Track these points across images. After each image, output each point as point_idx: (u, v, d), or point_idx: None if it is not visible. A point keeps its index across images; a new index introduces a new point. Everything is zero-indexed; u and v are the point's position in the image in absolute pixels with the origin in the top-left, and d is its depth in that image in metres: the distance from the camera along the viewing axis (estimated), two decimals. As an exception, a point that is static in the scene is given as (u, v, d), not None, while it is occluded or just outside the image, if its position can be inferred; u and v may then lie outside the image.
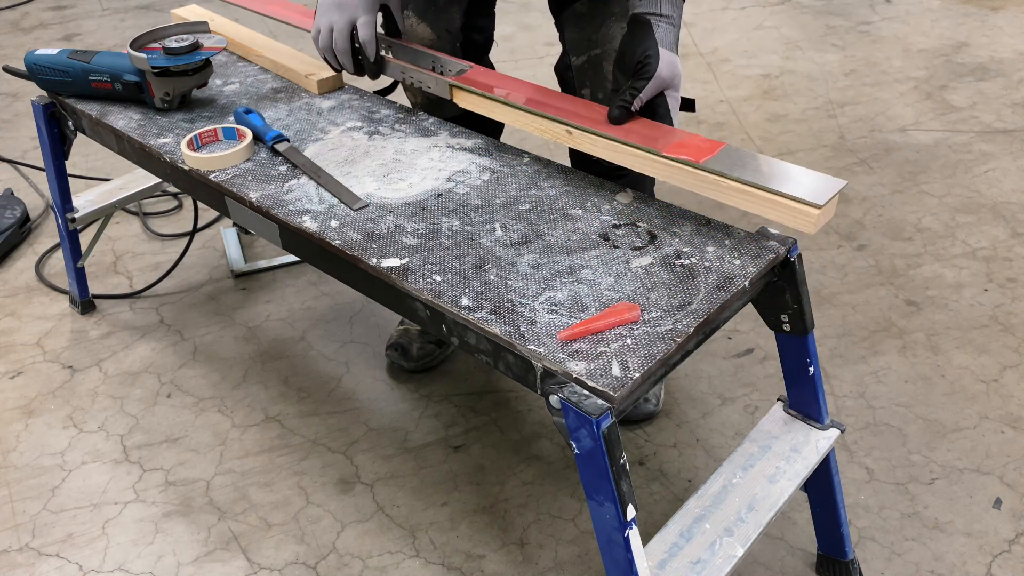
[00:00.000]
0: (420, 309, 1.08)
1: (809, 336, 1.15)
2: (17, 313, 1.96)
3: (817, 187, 1.06)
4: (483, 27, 1.57)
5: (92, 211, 1.87)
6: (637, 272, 1.08)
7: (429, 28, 1.51)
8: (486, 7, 1.57)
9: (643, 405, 1.60)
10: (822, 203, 1.03)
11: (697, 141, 1.15)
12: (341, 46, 1.38)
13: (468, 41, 1.54)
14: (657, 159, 1.14)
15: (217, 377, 1.77)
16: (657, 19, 1.18)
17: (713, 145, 1.14)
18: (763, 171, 1.09)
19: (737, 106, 2.69)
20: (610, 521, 0.94)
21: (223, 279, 2.05)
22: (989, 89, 2.76)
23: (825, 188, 1.05)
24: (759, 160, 1.11)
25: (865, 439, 1.57)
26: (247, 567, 1.40)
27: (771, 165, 1.10)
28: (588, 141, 1.21)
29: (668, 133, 1.18)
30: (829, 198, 1.03)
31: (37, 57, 1.57)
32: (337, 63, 1.41)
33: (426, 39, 1.52)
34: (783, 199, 1.05)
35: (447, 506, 1.48)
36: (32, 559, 1.42)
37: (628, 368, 0.93)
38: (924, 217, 2.16)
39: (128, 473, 1.57)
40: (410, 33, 1.53)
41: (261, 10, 1.72)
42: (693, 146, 1.14)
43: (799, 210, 1.04)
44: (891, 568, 1.35)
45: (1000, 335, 1.79)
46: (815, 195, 1.04)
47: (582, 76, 1.44)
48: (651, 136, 1.17)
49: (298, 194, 1.27)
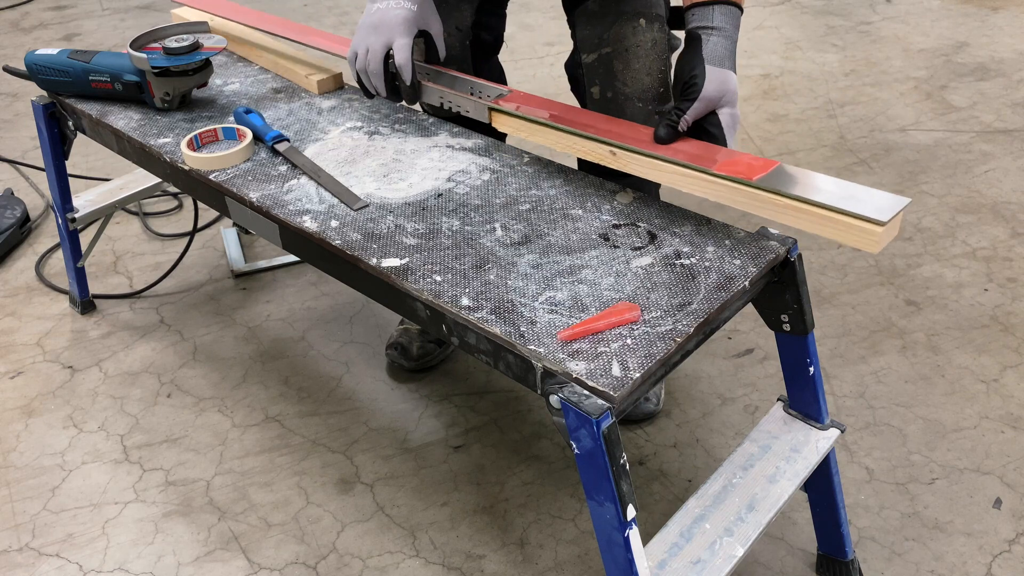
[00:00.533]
0: (420, 309, 1.08)
1: (809, 336, 1.15)
2: (17, 313, 1.96)
3: (880, 204, 1.01)
4: (493, 26, 1.57)
5: (92, 211, 1.87)
6: (637, 272, 1.08)
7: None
8: (497, 6, 1.57)
9: (643, 404, 1.60)
10: (885, 220, 0.98)
11: (748, 159, 1.10)
12: (373, 68, 1.33)
13: (477, 40, 1.53)
14: (708, 178, 1.10)
15: (217, 377, 1.77)
16: (708, 32, 1.17)
17: (766, 163, 1.09)
18: (822, 189, 1.05)
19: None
20: (610, 521, 0.94)
21: (223, 279, 2.05)
22: (989, 89, 2.76)
23: (889, 205, 1.00)
24: (816, 178, 1.07)
25: (865, 439, 1.57)
26: (247, 567, 1.40)
27: (830, 183, 1.06)
28: (633, 161, 1.18)
29: (715, 151, 1.14)
30: (893, 215, 0.99)
31: (37, 57, 1.57)
32: (372, 87, 1.37)
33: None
34: (846, 217, 1.01)
35: (447, 506, 1.48)
36: (32, 559, 1.42)
37: (628, 368, 0.93)
38: (924, 217, 2.16)
39: (128, 473, 1.57)
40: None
41: (261, 26, 1.70)
42: (744, 164, 1.10)
43: (862, 228, 1.00)
44: (891, 568, 1.35)
45: (1000, 335, 1.79)
46: (878, 212, 0.99)
47: (592, 74, 1.44)
48: (698, 155, 1.13)
49: (298, 194, 1.27)
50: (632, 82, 1.40)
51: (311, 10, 3.55)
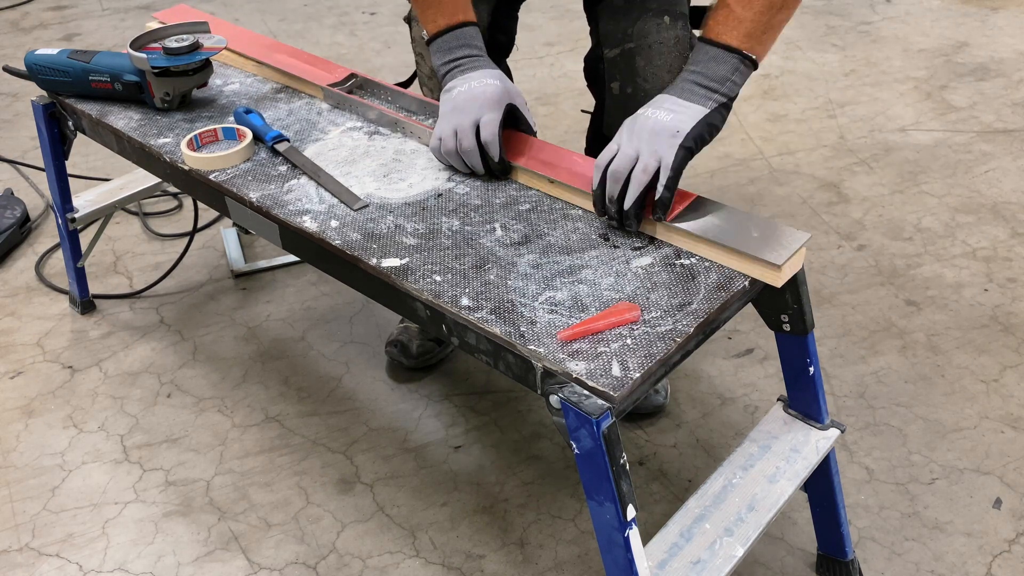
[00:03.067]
0: (420, 309, 1.08)
1: (809, 336, 1.15)
2: (17, 313, 1.96)
3: (779, 243, 1.06)
4: (507, 28, 1.58)
5: (92, 211, 1.87)
6: (637, 272, 1.08)
7: None
8: (511, 7, 1.57)
9: (653, 396, 1.60)
10: (781, 263, 1.03)
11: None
12: (467, 146, 1.25)
13: (493, 41, 1.53)
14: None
15: (217, 377, 1.77)
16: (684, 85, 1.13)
17: (683, 197, 1.13)
18: (727, 227, 1.09)
19: (737, 106, 2.69)
20: (610, 521, 0.94)
21: (223, 279, 2.05)
22: (989, 89, 2.75)
23: (788, 243, 1.06)
24: (724, 214, 1.11)
25: (865, 439, 1.57)
26: (247, 567, 1.40)
27: (736, 220, 1.10)
28: (567, 192, 1.22)
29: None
30: (788, 257, 1.04)
31: (37, 57, 1.57)
32: (465, 167, 1.29)
33: None
34: (748, 257, 1.06)
35: (447, 506, 1.48)
36: (32, 559, 1.42)
37: (628, 368, 0.93)
38: (924, 217, 2.16)
39: (128, 473, 1.57)
40: None
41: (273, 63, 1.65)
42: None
43: (764, 265, 1.05)
44: (891, 568, 1.35)
45: (1000, 335, 1.79)
46: (775, 255, 1.04)
47: (613, 69, 1.43)
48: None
49: (298, 194, 1.27)
50: (653, 78, 1.40)
51: (311, 10, 3.55)
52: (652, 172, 1.08)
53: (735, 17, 1.08)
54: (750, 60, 1.10)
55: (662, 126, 1.08)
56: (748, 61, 1.10)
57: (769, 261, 1.04)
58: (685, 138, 1.08)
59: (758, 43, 1.10)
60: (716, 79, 1.10)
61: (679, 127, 1.08)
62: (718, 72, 1.10)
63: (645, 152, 1.09)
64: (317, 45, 3.23)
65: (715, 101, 1.10)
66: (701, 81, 1.11)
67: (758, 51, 1.10)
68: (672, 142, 1.08)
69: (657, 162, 1.08)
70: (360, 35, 3.32)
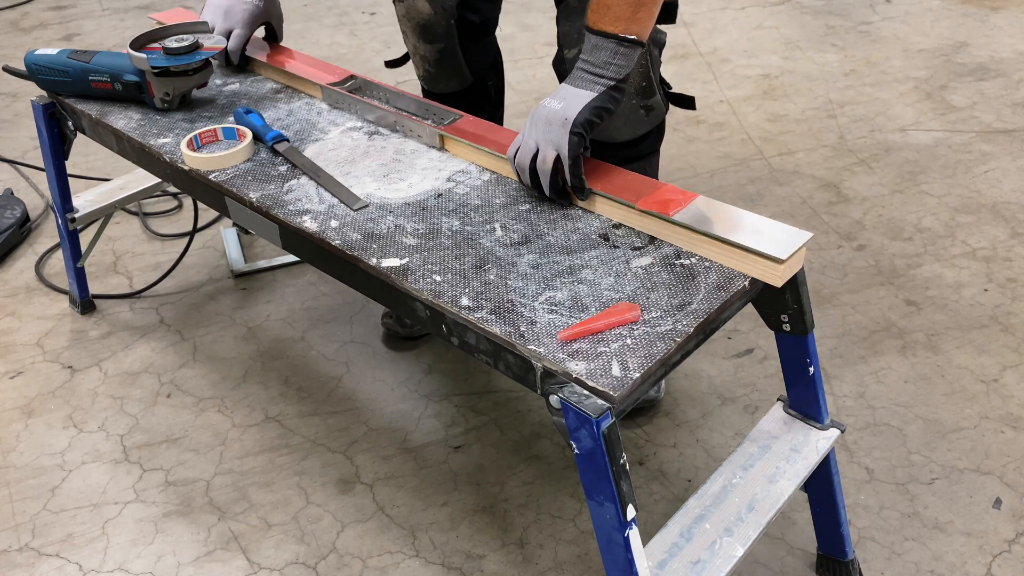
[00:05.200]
0: (420, 309, 1.08)
1: (809, 336, 1.15)
2: (17, 313, 1.96)
3: (781, 240, 1.06)
4: (481, 9, 1.60)
5: (92, 211, 1.87)
6: (637, 272, 1.08)
7: (428, 4, 1.54)
8: None
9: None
10: (781, 263, 1.03)
11: (669, 193, 1.15)
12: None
13: (463, 20, 1.56)
14: (632, 211, 1.15)
15: (217, 377, 1.77)
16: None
17: (686, 197, 1.14)
18: (731, 224, 1.09)
19: (737, 106, 2.69)
20: (610, 521, 0.94)
21: (223, 279, 2.05)
22: (989, 89, 2.76)
23: (789, 240, 1.06)
24: (728, 213, 1.12)
25: (865, 439, 1.57)
26: (247, 567, 1.40)
27: (740, 218, 1.11)
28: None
29: (641, 183, 1.18)
30: (788, 256, 1.04)
31: (37, 57, 1.57)
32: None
33: (424, 14, 1.55)
34: (750, 254, 1.06)
35: (447, 506, 1.48)
36: (32, 559, 1.42)
37: (628, 368, 0.93)
38: (924, 217, 2.16)
39: (128, 473, 1.57)
40: (410, 9, 1.56)
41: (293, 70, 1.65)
42: (664, 199, 1.14)
43: (765, 264, 1.05)
44: (891, 568, 1.35)
45: (1000, 335, 1.79)
46: (778, 249, 1.05)
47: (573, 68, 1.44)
48: (626, 187, 1.18)
49: (298, 194, 1.27)
50: None
51: (311, 10, 3.55)
52: (551, 161, 1.16)
53: (604, 4, 1.13)
54: (628, 41, 1.14)
55: (554, 115, 1.16)
56: (627, 42, 1.14)
57: (769, 261, 1.04)
58: (574, 125, 1.14)
59: (632, 23, 1.14)
60: (599, 64, 1.15)
61: (567, 115, 1.15)
62: (600, 58, 1.15)
63: (542, 142, 1.16)
64: (317, 45, 3.23)
65: (602, 85, 1.15)
66: (587, 68, 1.16)
67: (635, 30, 1.14)
68: (563, 131, 1.15)
69: (555, 151, 1.15)
70: (360, 35, 3.32)
